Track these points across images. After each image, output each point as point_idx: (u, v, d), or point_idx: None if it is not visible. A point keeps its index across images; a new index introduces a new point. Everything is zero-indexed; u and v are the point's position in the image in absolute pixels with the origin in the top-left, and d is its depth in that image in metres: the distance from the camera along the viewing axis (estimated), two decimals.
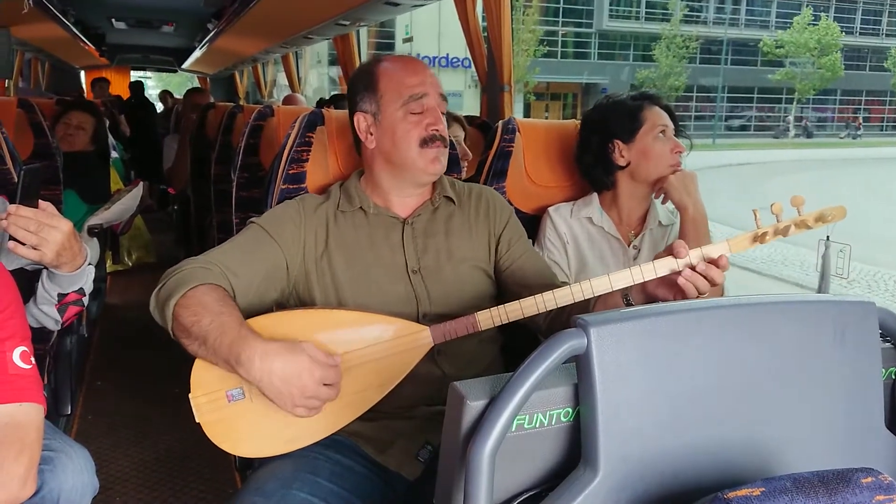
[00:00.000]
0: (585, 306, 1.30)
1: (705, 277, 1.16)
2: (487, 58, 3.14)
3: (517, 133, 1.84)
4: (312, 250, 1.38)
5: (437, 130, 1.36)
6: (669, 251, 1.20)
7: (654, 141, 1.65)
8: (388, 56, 1.45)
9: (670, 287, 1.21)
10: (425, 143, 1.36)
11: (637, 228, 1.73)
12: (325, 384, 1.13)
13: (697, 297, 1.17)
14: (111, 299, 4.28)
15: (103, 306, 3.99)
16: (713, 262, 1.17)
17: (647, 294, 1.24)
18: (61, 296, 1.41)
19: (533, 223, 1.79)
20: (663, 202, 1.71)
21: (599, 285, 1.22)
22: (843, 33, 32.67)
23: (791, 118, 35.38)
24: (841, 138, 33.75)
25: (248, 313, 1.23)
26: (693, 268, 1.17)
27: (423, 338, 1.25)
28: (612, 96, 1.77)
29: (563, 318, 1.36)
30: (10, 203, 1.33)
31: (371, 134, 1.40)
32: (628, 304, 1.26)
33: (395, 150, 1.38)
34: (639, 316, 0.76)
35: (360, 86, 1.42)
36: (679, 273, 1.18)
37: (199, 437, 1.21)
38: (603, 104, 1.75)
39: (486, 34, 3.14)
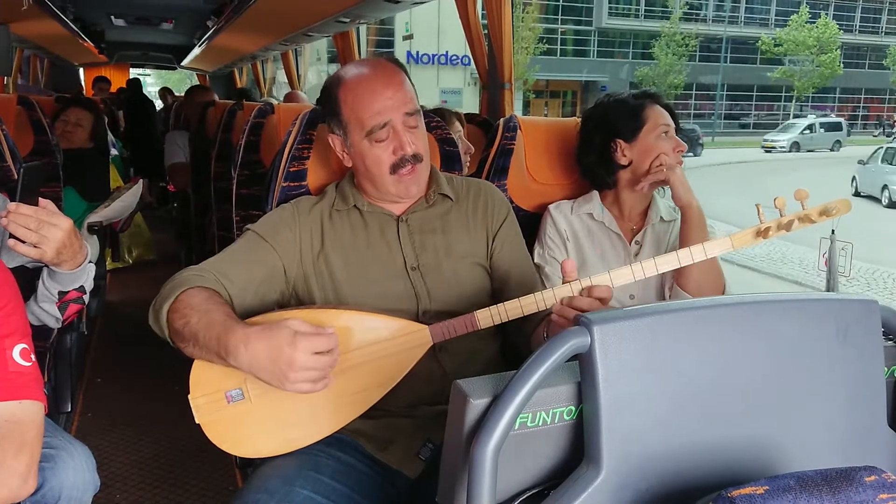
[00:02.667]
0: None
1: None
2: (488, 55, 3.14)
3: (518, 131, 1.84)
4: (309, 251, 1.38)
5: (404, 154, 1.35)
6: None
7: (656, 140, 1.65)
8: (348, 75, 1.38)
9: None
10: (396, 167, 1.35)
11: (639, 224, 1.73)
12: (318, 353, 1.09)
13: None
14: (111, 297, 4.27)
15: (103, 304, 3.99)
16: (588, 292, 1.17)
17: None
18: (62, 293, 1.41)
19: (534, 221, 1.78)
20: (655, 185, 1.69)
21: (599, 282, 1.21)
22: (843, 31, 32.66)
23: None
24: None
25: (249, 316, 1.23)
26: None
27: (422, 337, 1.25)
28: (613, 95, 1.76)
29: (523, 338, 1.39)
30: (11, 201, 1.33)
31: (346, 154, 1.41)
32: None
33: (368, 174, 1.39)
34: (642, 314, 0.76)
35: (326, 108, 1.42)
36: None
37: (198, 434, 1.21)
38: (604, 102, 1.74)
39: (486, 32, 3.14)
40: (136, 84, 8.59)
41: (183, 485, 2.36)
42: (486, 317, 1.24)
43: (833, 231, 1.48)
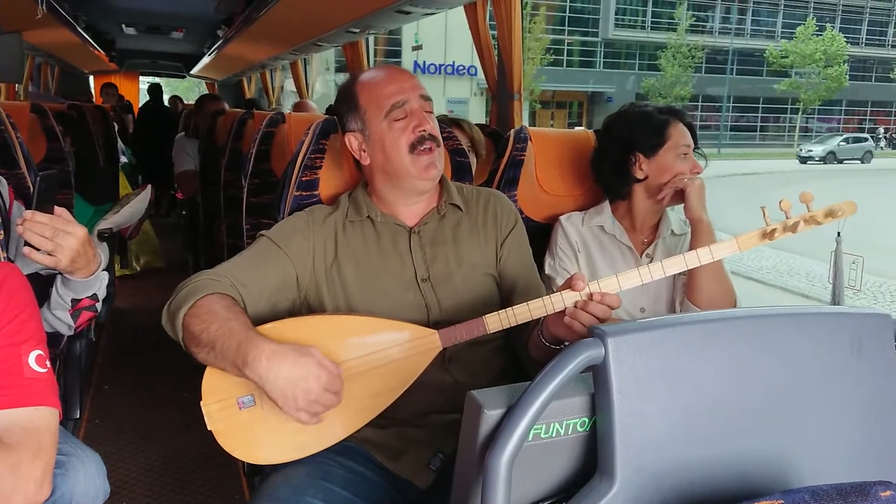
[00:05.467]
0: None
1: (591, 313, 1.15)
2: (497, 66, 3.15)
3: (529, 142, 1.85)
4: (322, 260, 1.39)
5: (423, 131, 1.36)
6: (567, 284, 1.18)
7: (674, 159, 1.64)
8: (364, 72, 1.46)
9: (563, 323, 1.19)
10: (415, 147, 1.36)
11: (650, 237, 1.72)
12: (328, 391, 1.13)
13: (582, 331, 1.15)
14: (119, 304, 4.29)
15: (111, 310, 4.01)
16: (601, 298, 1.15)
17: (549, 330, 1.24)
18: (75, 301, 1.42)
19: (544, 232, 1.79)
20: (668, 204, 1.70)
21: (608, 285, 1.20)
22: (849, 44, 32.66)
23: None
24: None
25: (260, 323, 1.23)
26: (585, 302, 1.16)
27: (431, 342, 1.26)
28: (637, 105, 1.75)
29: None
30: (26, 208, 1.34)
31: (364, 151, 1.42)
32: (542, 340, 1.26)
33: (388, 162, 1.38)
34: (656, 326, 0.76)
35: (343, 107, 1.43)
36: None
37: (206, 442, 1.21)
38: (628, 112, 1.73)
39: (495, 43, 3.15)
40: (156, 91, 8.19)
41: (190, 492, 2.36)
42: (496, 321, 1.24)
43: (839, 233, 1.46)
